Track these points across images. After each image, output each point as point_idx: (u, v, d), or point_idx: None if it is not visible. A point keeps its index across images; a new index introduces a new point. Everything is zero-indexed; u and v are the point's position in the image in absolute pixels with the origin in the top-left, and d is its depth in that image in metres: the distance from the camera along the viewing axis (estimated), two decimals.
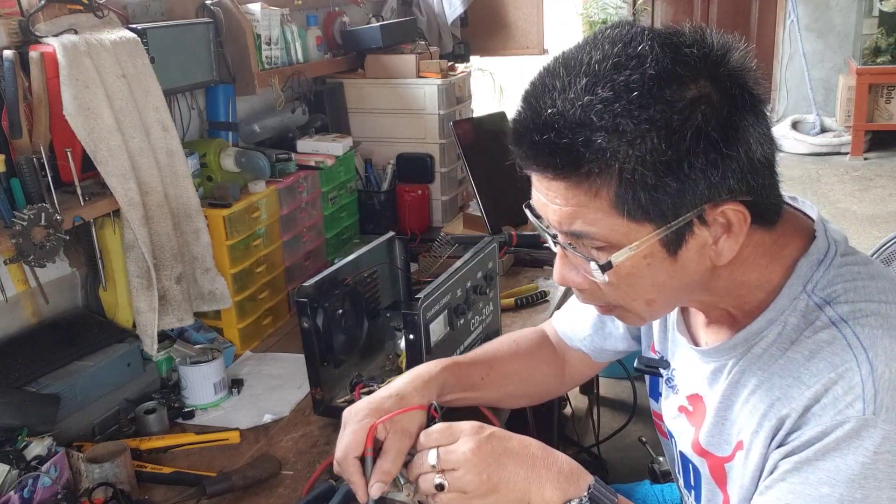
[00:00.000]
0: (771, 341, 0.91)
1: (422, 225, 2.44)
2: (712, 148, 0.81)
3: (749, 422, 0.92)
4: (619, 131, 0.79)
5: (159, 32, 1.63)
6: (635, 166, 0.80)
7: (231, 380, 1.58)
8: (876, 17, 6.39)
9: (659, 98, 0.79)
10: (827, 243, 0.93)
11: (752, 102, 0.84)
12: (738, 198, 0.84)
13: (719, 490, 1.00)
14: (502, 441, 0.94)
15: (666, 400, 1.13)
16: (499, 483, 0.91)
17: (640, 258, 0.87)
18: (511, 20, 3.31)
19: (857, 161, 6.39)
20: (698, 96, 0.81)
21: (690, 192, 0.82)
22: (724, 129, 0.81)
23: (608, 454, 2.63)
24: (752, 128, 0.83)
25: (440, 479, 0.92)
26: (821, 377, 0.85)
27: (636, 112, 0.79)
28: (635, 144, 0.80)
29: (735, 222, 0.86)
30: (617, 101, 0.79)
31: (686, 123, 0.80)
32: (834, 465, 0.82)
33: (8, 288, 1.38)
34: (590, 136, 0.80)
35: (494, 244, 1.55)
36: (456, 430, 0.95)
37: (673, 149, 0.80)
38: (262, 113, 2.16)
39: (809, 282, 0.90)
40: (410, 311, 1.27)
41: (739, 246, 0.87)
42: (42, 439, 1.24)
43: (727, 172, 0.82)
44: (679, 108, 0.80)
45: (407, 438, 1.02)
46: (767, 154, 0.86)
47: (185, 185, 1.58)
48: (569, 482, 0.93)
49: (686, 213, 0.83)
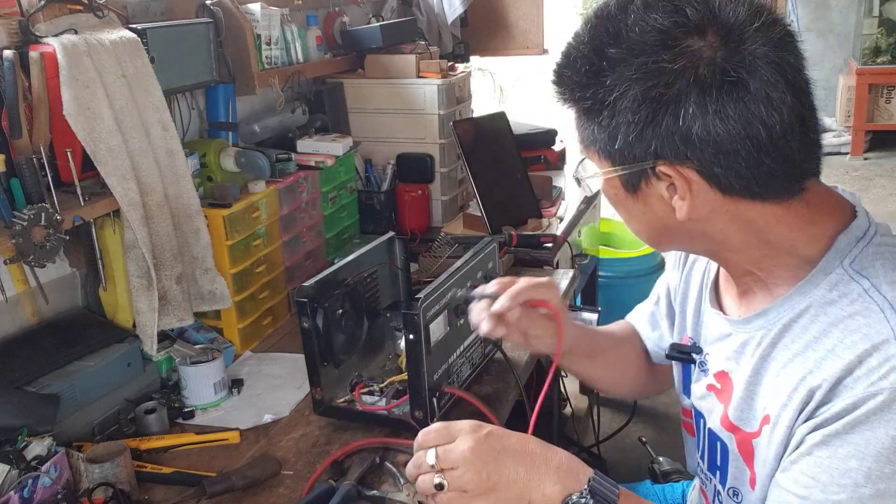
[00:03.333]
0: (804, 314, 0.91)
1: (422, 225, 2.43)
2: (632, 110, 0.87)
3: (778, 396, 0.92)
4: (578, 71, 0.91)
5: (159, 32, 1.63)
6: (587, 105, 0.91)
7: (231, 380, 1.58)
8: (876, 17, 6.39)
9: (604, 55, 0.88)
10: (868, 223, 0.94)
11: (718, 81, 0.84)
12: (675, 162, 0.88)
13: (746, 467, 1.00)
14: (501, 439, 0.95)
15: (696, 383, 1.14)
16: (498, 481, 0.91)
17: (608, 186, 0.97)
18: (511, 20, 3.31)
19: (857, 161, 6.39)
20: (644, 63, 0.85)
21: (626, 144, 0.89)
22: (655, 97, 0.86)
23: (608, 454, 2.63)
24: (698, 104, 0.84)
25: (439, 479, 0.92)
26: (855, 349, 0.84)
27: (585, 58, 0.90)
28: (585, 87, 0.91)
29: (678, 184, 0.90)
30: (581, 46, 0.91)
31: (618, 83, 0.87)
32: (863, 437, 0.82)
33: (8, 288, 1.38)
34: (564, 71, 0.94)
35: (494, 244, 1.55)
36: (454, 430, 0.95)
37: (603, 98, 0.89)
38: (262, 113, 2.16)
39: (847, 256, 0.91)
40: (410, 311, 1.27)
41: (690, 205, 0.91)
42: (42, 439, 1.24)
43: (654, 137, 0.88)
44: (616, 70, 0.87)
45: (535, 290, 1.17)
46: (723, 132, 0.85)
47: (185, 185, 1.58)
48: (569, 477, 0.93)
49: (635, 161, 0.91)
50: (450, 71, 2.47)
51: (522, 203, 2.36)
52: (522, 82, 6.77)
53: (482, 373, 1.54)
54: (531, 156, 2.91)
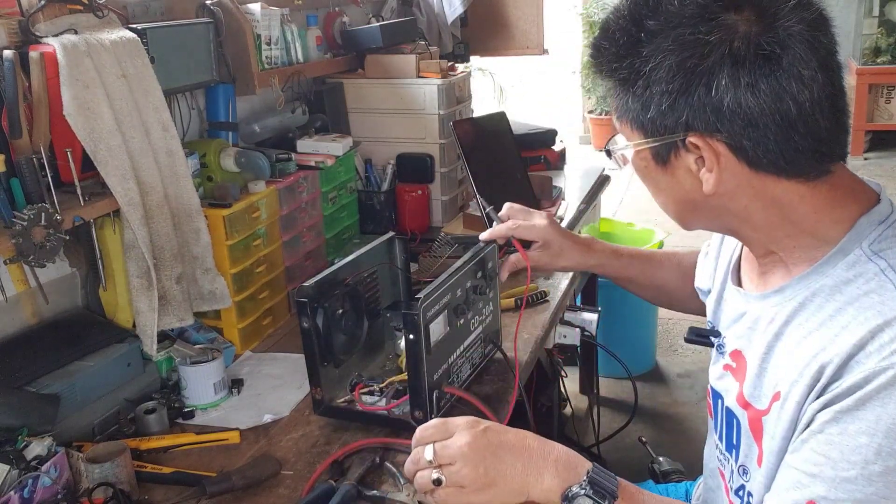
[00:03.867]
0: (820, 292, 0.92)
1: (422, 225, 2.43)
2: (666, 81, 0.89)
3: (789, 372, 0.92)
4: (615, 42, 0.94)
5: (159, 32, 1.63)
6: (623, 75, 0.94)
7: (231, 380, 1.58)
8: (876, 17, 6.39)
9: (642, 26, 0.91)
10: (891, 209, 0.94)
11: (752, 55, 0.87)
12: (705, 134, 0.91)
13: (755, 444, 1.00)
14: (498, 434, 0.95)
15: (714, 365, 1.15)
16: (496, 476, 0.92)
17: (638, 159, 1.00)
18: (511, 20, 3.31)
19: (857, 161, 6.39)
20: (679, 35, 0.88)
21: (665, 113, 0.91)
22: (687, 68, 0.88)
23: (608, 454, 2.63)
24: (730, 77, 0.87)
25: (437, 474, 0.92)
26: (867, 325, 0.85)
27: (623, 29, 0.93)
28: (620, 57, 0.94)
29: (706, 156, 0.92)
30: (619, 19, 0.95)
31: (653, 54, 0.90)
32: (874, 414, 0.82)
33: (8, 288, 1.38)
34: (602, 44, 0.97)
35: (494, 244, 1.55)
36: (451, 425, 0.96)
37: (636, 70, 0.92)
38: (262, 113, 2.16)
39: (867, 239, 0.91)
40: (410, 311, 1.27)
41: (718, 179, 0.93)
42: (42, 439, 1.24)
43: (685, 109, 0.90)
44: (653, 42, 0.90)
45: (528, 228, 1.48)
46: (755, 105, 0.87)
47: (185, 185, 1.58)
48: (567, 470, 0.93)
49: (666, 133, 0.93)
50: (450, 71, 2.47)
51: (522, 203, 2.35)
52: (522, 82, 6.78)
53: (482, 373, 1.54)
54: (531, 156, 2.91)
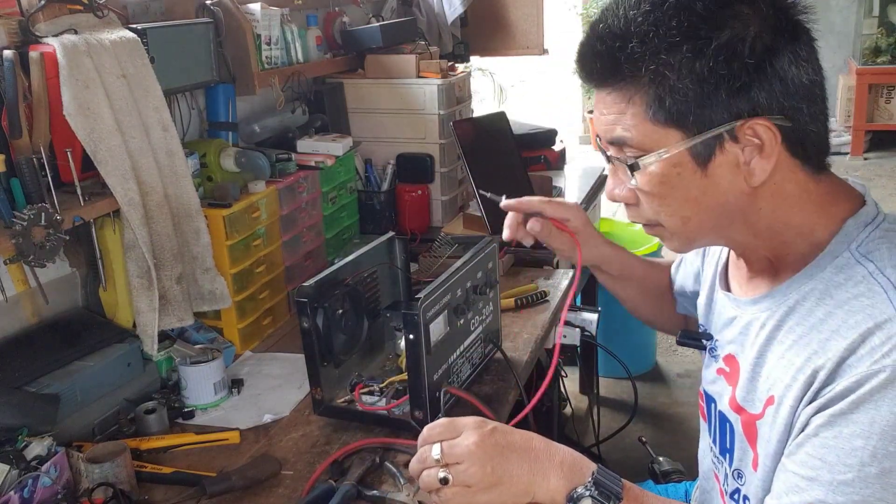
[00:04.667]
0: (809, 296, 0.92)
1: (422, 225, 2.43)
2: (737, 59, 0.85)
3: (782, 376, 0.92)
4: (649, 37, 0.87)
5: (159, 32, 1.63)
6: (662, 70, 0.87)
7: (231, 380, 1.59)
8: (876, 17, 6.39)
9: (691, 9, 0.86)
10: (876, 210, 0.95)
11: (792, 27, 0.88)
12: (768, 116, 0.87)
13: (750, 448, 1.00)
14: (505, 435, 0.95)
15: (707, 369, 1.15)
16: (503, 476, 0.92)
17: (671, 166, 0.92)
18: (511, 20, 3.31)
19: (857, 161, 6.39)
20: (731, 14, 0.86)
21: (715, 102, 0.87)
22: (754, 45, 0.86)
23: (608, 454, 2.63)
24: (785, 50, 0.87)
25: (444, 473, 0.93)
26: (858, 328, 0.85)
27: (667, 20, 0.86)
28: (662, 50, 0.87)
29: (766, 140, 0.89)
30: (653, 12, 0.87)
31: (714, 34, 0.85)
32: (868, 416, 0.82)
33: (8, 288, 1.38)
34: (626, 44, 0.89)
35: (494, 244, 1.55)
36: (459, 425, 0.96)
37: (697, 56, 0.86)
38: (262, 113, 2.16)
39: (855, 241, 0.92)
40: (410, 311, 1.27)
41: (773, 168, 0.90)
42: (42, 439, 1.24)
43: (752, 86, 0.86)
44: (711, 21, 0.85)
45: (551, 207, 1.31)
46: (805, 81, 0.89)
47: (185, 185, 1.58)
48: (572, 471, 0.94)
49: (713, 126, 0.88)
50: (450, 71, 2.47)
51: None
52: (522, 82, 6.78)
53: (482, 373, 1.54)
54: (531, 156, 2.91)
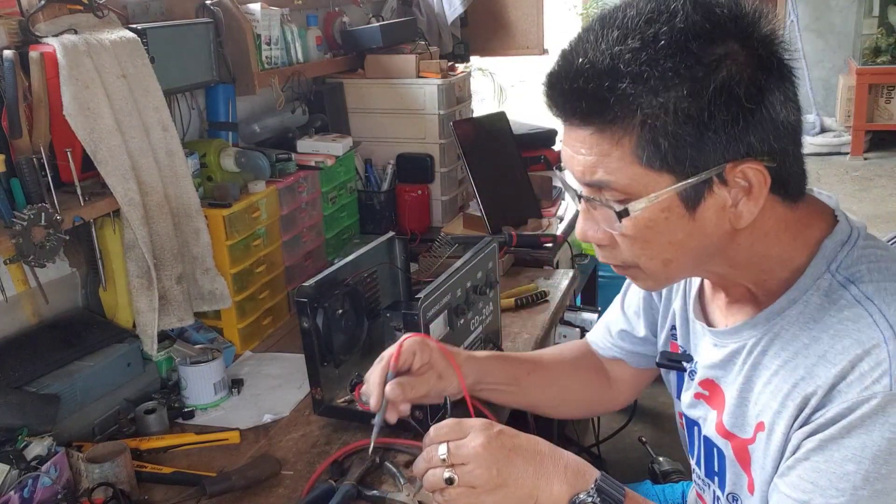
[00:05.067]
0: (793, 321, 0.91)
1: (422, 225, 2.43)
2: (735, 102, 0.83)
3: (771, 403, 0.92)
4: (643, 79, 0.82)
5: (159, 32, 1.63)
6: (657, 113, 0.83)
7: (231, 380, 1.58)
8: (876, 17, 6.39)
9: (686, 50, 0.82)
10: (849, 227, 0.93)
11: (779, 66, 0.86)
12: (759, 157, 0.85)
13: (744, 472, 1.00)
14: (511, 437, 0.95)
15: (686, 392, 1.13)
16: (507, 478, 0.92)
17: (658, 211, 0.88)
18: (511, 20, 3.31)
19: (857, 161, 6.39)
20: (725, 53, 0.83)
21: (710, 146, 0.84)
22: (749, 86, 0.83)
23: (608, 454, 2.63)
24: (777, 90, 0.85)
25: (449, 474, 0.93)
26: (847, 354, 0.85)
27: (661, 61, 0.82)
28: (658, 92, 0.82)
29: (755, 183, 0.86)
30: (644, 50, 0.82)
31: (710, 76, 0.82)
32: (859, 441, 0.82)
33: (8, 288, 1.38)
34: (615, 83, 0.83)
35: (494, 244, 1.55)
36: (466, 426, 0.96)
37: (695, 99, 0.82)
38: (262, 113, 2.16)
39: (833, 262, 0.91)
40: (410, 311, 1.27)
41: (759, 210, 0.88)
42: (42, 439, 1.24)
43: (748, 129, 0.84)
44: (705, 62, 0.82)
45: (434, 378, 1.15)
46: (792, 120, 0.87)
47: (185, 185, 1.58)
48: (576, 477, 0.94)
49: (706, 168, 0.85)
50: (450, 71, 2.47)
51: (522, 203, 2.36)
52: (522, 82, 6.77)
53: None
54: (531, 156, 2.91)
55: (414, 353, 1.14)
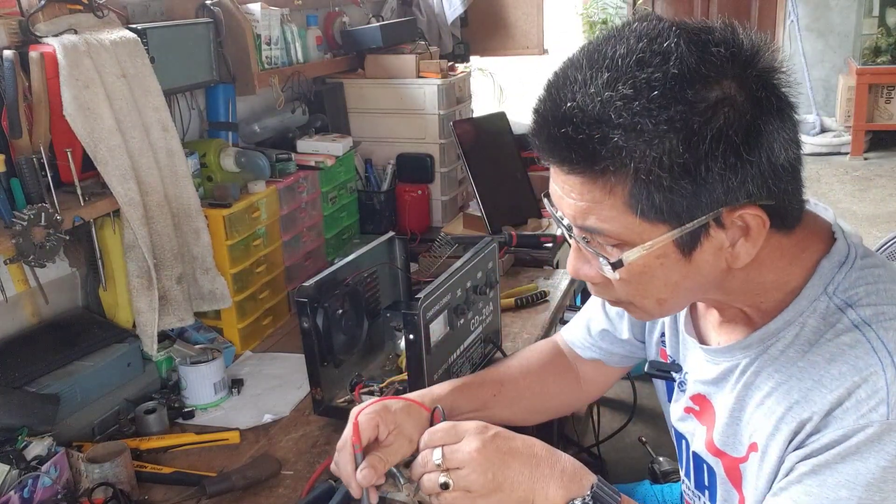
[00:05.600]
0: (789, 343, 0.90)
1: (422, 225, 2.44)
2: (732, 152, 0.79)
3: (764, 424, 0.91)
4: (637, 130, 0.78)
5: (159, 32, 1.63)
6: (651, 167, 0.79)
7: (231, 380, 1.58)
8: (876, 17, 6.40)
9: (680, 98, 0.78)
10: (847, 246, 0.92)
11: (780, 105, 0.82)
12: (757, 202, 0.82)
13: (735, 490, 0.99)
14: (507, 440, 0.95)
15: (676, 403, 1.12)
16: (503, 482, 0.92)
17: (653, 258, 0.86)
18: (511, 20, 3.31)
19: (857, 161, 6.39)
20: (722, 98, 0.79)
21: (707, 194, 0.80)
22: (747, 132, 0.79)
23: (608, 454, 2.63)
24: (776, 132, 0.81)
25: (445, 478, 0.92)
26: (844, 381, 0.84)
27: (656, 112, 0.77)
28: (653, 145, 0.78)
29: (753, 227, 0.84)
30: (637, 98, 0.78)
31: (706, 126, 0.78)
32: (853, 468, 0.81)
33: (8, 288, 1.38)
34: (607, 133, 0.79)
35: (494, 244, 1.55)
36: (461, 429, 0.96)
37: (691, 151, 0.78)
38: (262, 113, 2.16)
39: (831, 283, 0.89)
40: (410, 311, 1.27)
41: (757, 249, 0.86)
42: (42, 439, 1.24)
43: (746, 177, 0.80)
44: (700, 110, 0.78)
45: (405, 441, 1.04)
46: (792, 159, 0.84)
47: (185, 185, 1.58)
48: (572, 482, 0.93)
49: (702, 215, 0.82)
50: (450, 71, 2.47)
51: (522, 203, 2.36)
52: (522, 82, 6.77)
53: None
54: (531, 156, 2.90)
55: (377, 425, 1.03)
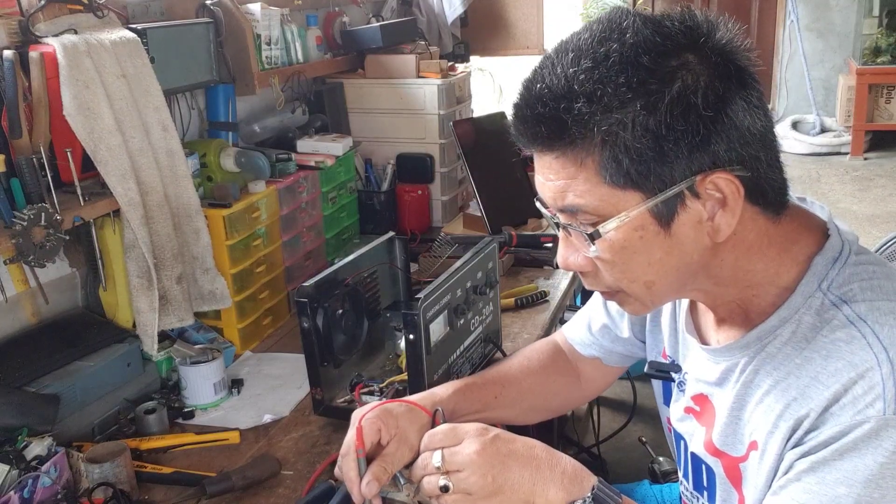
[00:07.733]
0: (785, 340, 0.90)
1: (422, 225, 2.44)
2: (692, 112, 0.81)
3: (763, 422, 0.91)
4: (597, 97, 0.82)
5: (159, 32, 1.63)
6: (614, 130, 0.82)
7: (231, 380, 1.58)
8: (876, 17, 6.40)
9: (637, 64, 0.82)
10: (841, 242, 0.92)
11: (739, 74, 0.85)
12: (728, 168, 0.84)
13: (735, 490, 0.99)
14: (507, 443, 0.95)
15: (675, 403, 1.12)
16: (503, 484, 0.92)
17: (632, 230, 0.87)
18: (511, 20, 3.31)
19: (857, 161, 6.39)
20: (679, 64, 0.82)
21: (673, 158, 0.83)
22: (706, 94, 0.82)
23: (608, 454, 2.63)
24: (738, 97, 0.84)
25: (445, 481, 0.92)
26: (840, 377, 0.84)
27: (614, 77, 0.81)
28: (613, 109, 0.82)
29: (728, 194, 0.85)
30: (596, 69, 0.82)
31: (665, 88, 0.81)
32: (852, 465, 0.81)
33: (8, 288, 1.38)
34: (571, 104, 0.83)
35: (494, 244, 1.55)
36: (460, 432, 0.95)
37: (650, 112, 0.81)
38: (262, 113, 2.16)
39: (825, 280, 0.89)
40: (410, 311, 1.26)
41: (738, 221, 0.87)
42: (42, 439, 1.24)
43: (710, 138, 0.82)
44: (658, 74, 0.82)
45: (407, 447, 1.03)
46: (759, 127, 0.85)
47: (185, 185, 1.58)
48: (573, 483, 0.93)
49: (673, 182, 0.84)
50: (450, 71, 2.47)
51: (522, 203, 2.36)
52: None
53: None
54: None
55: (379, 429, 1.03)
